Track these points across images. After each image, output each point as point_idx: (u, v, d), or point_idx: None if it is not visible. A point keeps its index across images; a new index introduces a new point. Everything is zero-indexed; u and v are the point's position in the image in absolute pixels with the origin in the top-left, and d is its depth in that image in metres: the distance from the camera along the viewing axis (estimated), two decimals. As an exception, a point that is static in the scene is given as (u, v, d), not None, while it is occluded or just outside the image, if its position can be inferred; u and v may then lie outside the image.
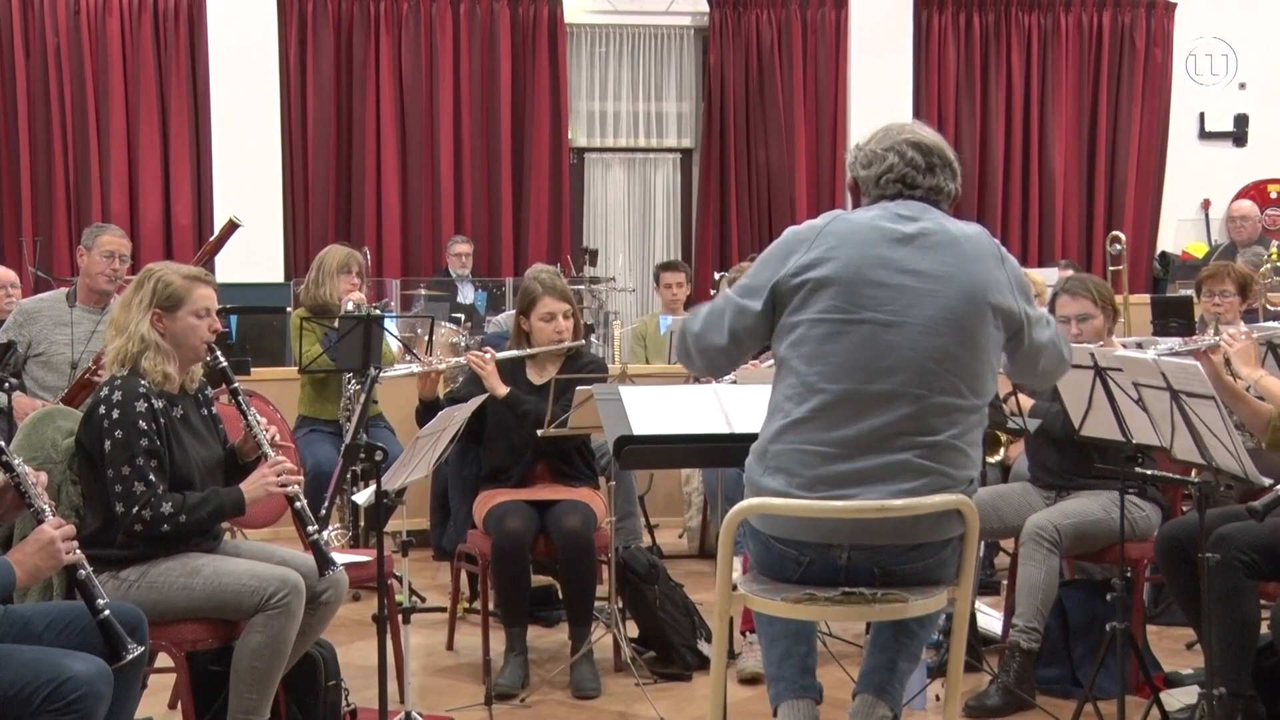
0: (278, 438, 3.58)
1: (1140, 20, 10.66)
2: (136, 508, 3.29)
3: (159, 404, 3.37)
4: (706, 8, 10.26)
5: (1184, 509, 4.45)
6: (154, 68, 9.46)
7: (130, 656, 2.89)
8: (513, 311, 5.80)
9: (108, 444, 3.30)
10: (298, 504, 3.49)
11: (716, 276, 7.74)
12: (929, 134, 2.89)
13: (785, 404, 2.73)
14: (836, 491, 2.66)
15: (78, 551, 2.88)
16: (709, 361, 2.89)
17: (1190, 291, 6.93)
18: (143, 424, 3.31)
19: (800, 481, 2.68)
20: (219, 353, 3.54)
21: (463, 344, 6.54)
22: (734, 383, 4.15)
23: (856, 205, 2.94)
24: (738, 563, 4.01)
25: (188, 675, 3.39)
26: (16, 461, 2.89)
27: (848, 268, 2.68)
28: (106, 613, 2.88)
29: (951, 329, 2.68)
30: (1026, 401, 4.36)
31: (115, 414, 3.31)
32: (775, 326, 2.78)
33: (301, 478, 3.62)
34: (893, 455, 2.66)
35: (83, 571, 2.88)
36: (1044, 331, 2.88)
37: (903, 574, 2.76)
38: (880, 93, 10.20)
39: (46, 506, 2.89)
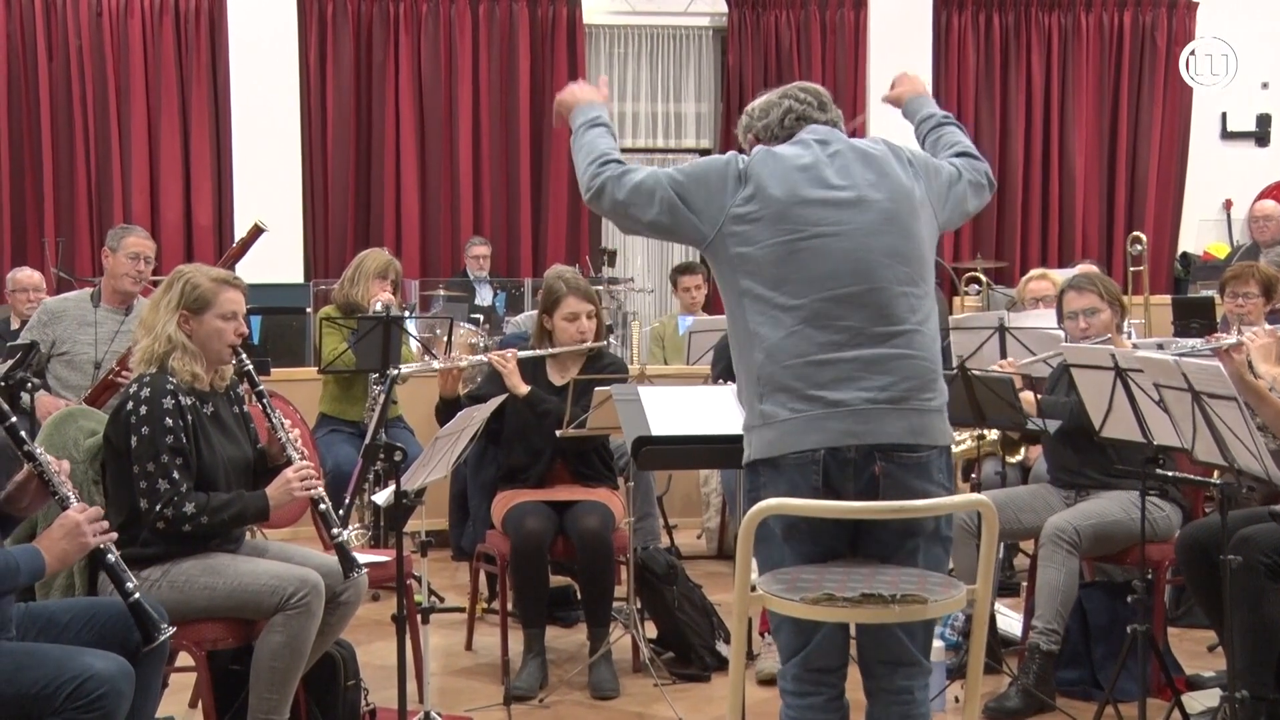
0: (299, 442, 3.59)
1: (1161, 20, 10.61)
2: (159, 505, 3.30)
3: (187, 401, 3.39)
4: (725, 8, 10.25)
5: (1205, 510, 4.43)
6: (175, 69, 9.50)
7: (164, 637, 2.91)
8: (532, 312, 5.81)
9: (134, 440, 3.32)
10: (322, 506, 3.50)
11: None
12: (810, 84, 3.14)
13: (760, 329, 2.84)
14: (832, 394, 2.78)
15: (104, 536, 2.88)
16: (620, 225, 3.00)
17: (1211, 292, 6.88)
18: (169, 421, 3.32)
19: (798, 394, 2.79)
20: (244, 356, 3.56)
21: (481, 345, 6.55)
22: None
23: None
24: (756, 563, 4.02)
25: (208, 674, 3.41)
26: (38, 451, 2.91)
27: (785, 194, 2.84)
28: (136, 595, 2.90)
29: (890, 226, 2.86)
30: (1034, 397, 4.36)
31: (143, 410, 3.33)
32: (717, 257, 2.88)
33: (322, 480, 3.62)
34: (872, 349, 2.79)
35: (111, 556, 2.90)
36: (956, 188, 3.00)
37: (901, 464, 2.80)
38: (899, 93, 10.17)
39: (70, 493, 2.90)
